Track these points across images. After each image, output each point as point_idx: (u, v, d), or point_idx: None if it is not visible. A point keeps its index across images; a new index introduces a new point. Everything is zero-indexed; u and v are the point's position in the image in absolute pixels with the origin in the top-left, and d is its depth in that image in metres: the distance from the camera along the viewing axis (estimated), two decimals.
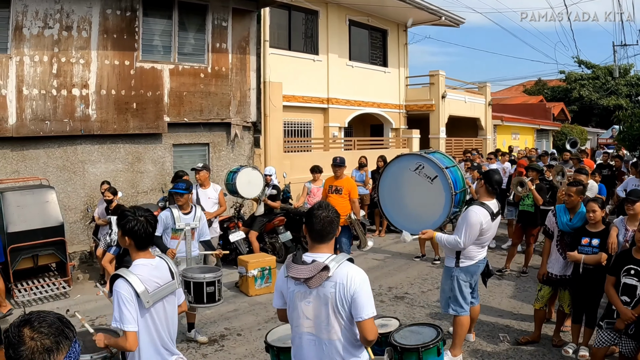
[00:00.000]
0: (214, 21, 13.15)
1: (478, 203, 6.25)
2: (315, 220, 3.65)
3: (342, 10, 19.58)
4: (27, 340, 1.99)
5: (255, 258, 9.71)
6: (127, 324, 3.52)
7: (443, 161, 6.87)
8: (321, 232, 3.66)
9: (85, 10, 11.15)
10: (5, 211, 9.04)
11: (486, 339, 7.28)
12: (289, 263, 3.67)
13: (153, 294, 3.68)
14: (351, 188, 9.95)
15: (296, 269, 3.59)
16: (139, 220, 3.79)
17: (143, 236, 3.79)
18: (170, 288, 3.88)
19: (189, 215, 7.38)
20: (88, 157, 11.57)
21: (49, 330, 2.04)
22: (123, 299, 3.54)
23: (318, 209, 3.68)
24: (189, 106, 12.84)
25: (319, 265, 3.54)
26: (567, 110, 41.84)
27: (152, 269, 3.78)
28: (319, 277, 3.51)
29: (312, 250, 3.71)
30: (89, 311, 8.54)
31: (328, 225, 3.66)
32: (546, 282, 6.98)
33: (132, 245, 3.81)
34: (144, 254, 3.85)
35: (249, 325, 8.00)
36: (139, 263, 3.78)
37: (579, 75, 45.19)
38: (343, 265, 3.58)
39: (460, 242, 6.05)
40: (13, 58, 10.35)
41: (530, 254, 10.66)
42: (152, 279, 3.73)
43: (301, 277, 3.54)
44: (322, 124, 19.27)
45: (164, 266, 3.92)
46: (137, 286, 3.59)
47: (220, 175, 13.04)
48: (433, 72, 22.56)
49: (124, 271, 3.66)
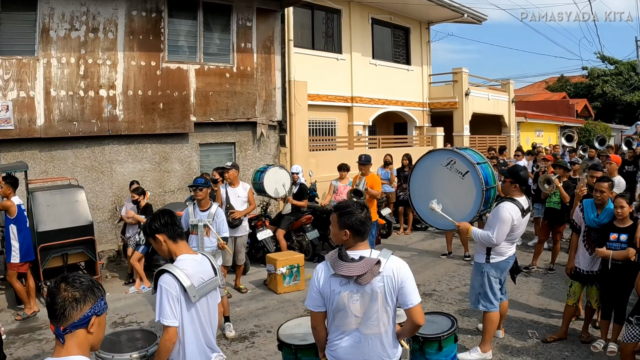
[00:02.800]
0: (238, 21, 13.02)
1: (509, 199, 6.14)
2: (356, 217, 3.59)
3: (364, 9, 19.33)
4: (62, 291, 2.43)
5: (284, 256, 9.55)
6: (168, 318, 3.45)
7: (474, 157, 6.71)
8: (362, 229, 3.61)
9: (111, 11, 11.09)
10: (35, 211, 9.02)
11: (515, 335, 7.14)
12: (336, 261, 3.58)
13: (199, 289, 3.60)
14: (373, 182, 9.88)
15: (346, 266, 3.52)
16: (164, 216, 3.78)
17: (168, 225, 3.74)
18: (214, 284, 3.80)
19: (205, 212, 7.41)
20: (116, 157, 11.52)
21: (80, 286, 2.47)
22: (167, 294, 3.47)
23: (355, 208, 3.64)
24: (215, 106, 12.73)
25: (371, 261, 3.51)
26: (590, 106, 41.18)
27: (196, 264, 3.70)
28: (371, 273, 3.49)
29: (352, 247, 3.63)
30: (118, 309, 8.56)
31: (368, 222, 3.64)
32: (574, 277, 6.83)
33: (167, 240, 3.73)
34: (185, 249, 3.78)
35: (279, 323, 7.68)
36: (184, 258, 3.69)
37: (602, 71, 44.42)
38: (390, 260, 3.60)
39: (492, 238, 5.97)
40: (40, 60, 10.31)
41: (557, 251, 10.44)
42: (197, 274, 3.64)
43: (354, 275, 3.49)
44: (347, 122, 19.03)
45: (207, 262, 3.83)
46: (184, 280, 3.50)
47: (246, 175, 12.90)
48: (456, 69, 22.24)
49: (170, 266, 3.58)
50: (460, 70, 22.03)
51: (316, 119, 17.83)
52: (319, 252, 11.49)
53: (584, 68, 45.36)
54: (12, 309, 8.61)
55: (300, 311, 8.28)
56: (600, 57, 44.06)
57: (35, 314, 8.26)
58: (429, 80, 22.94)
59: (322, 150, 16.87)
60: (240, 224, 9.10)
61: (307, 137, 15.47)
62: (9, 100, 10.05)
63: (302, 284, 9.43)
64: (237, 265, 9.27)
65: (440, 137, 21.18)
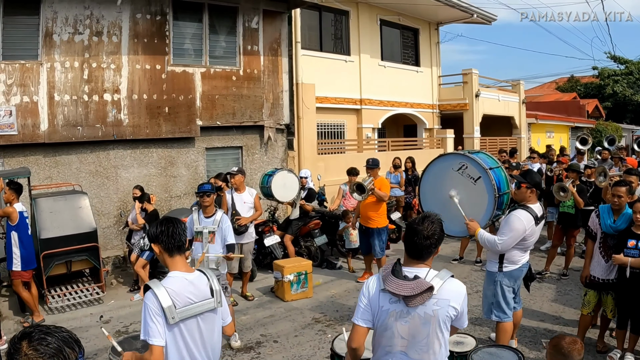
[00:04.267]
0: (244, 23, 12.80)
1: (522, 207, 5.91)
2: (416, 235, 3.35)
3: (372, 10, 19.04)
4: (22, 355, 1.97)
5: (291, 263, 9.33)
6: (153, 337, 3.22)
7: (487, 162, 6.49)
8: (420, 249, 3.36)
9: (115, 15, 10.90)
10: (38, 217, 8.93)
11: (528, 345, 6.90)
12: (388, 275, 3.34)
13: (182, 310, 3.32)
14: (381, 185, 9.61)
15: (396, 283, 3.27)
16: (162, 224, 3.52)
17: (163, 236, 3.47)
18: (207, 306, 3.48)
19: (210, 218, 7.22)
20: (121, 162, 11.33)
21: (44, 350, 1.98)
22: (150, 311, 3.24)
23: (422, 223, 3.38)
24: (222, 109, 12.51)
25: (422, 284, 3.25)
26: (601, 106, 40.71)
27: (186, 283, 3.42)
28: (421, 298, 3.25)
29: (410, 264, 3.41)
30: (122, 317, 8.42)
31: (428, 240, 3.35)
32: (589, 286, 6.58)
33: (163, 252, 3.49)
34: (181, 265, 3.50)
35: (286, 332, 7.68)
36: (173, 275, 3.44)
37: (612, 71, 43.92)
38: (447, 282, 3.35)
39: (498, 244, 5.77)
40: (44, 64, 10.14)
41: (570, 256, 10.25)
42: (185, 293, 3.37)
43: (401, 294, 3.25)
44: (355, 125, 18.75)
45: (204, 282, 3.53)
46: (163, 300, 3.25)
47: (254, 179, 12.71)
48: (466, 70, 21.91)
49: (155, 282, 3.35)
50: (470, 71, 21.71)
51: (324, 122, 17.58)
52: (328, 258, 11.29)
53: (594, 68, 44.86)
54: (16, 317, 8.45)
55: (308, 320, 8.10)
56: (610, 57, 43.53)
57: (43, 321, 8.11)
58: (439, 82, 22.61)
59: (331, 154, 16.62)
60: (247, 230, 8.90)
61: (316, 141, 15.23)
62: (12, 105, 9.87)
63: (310, 291, 9.23)
64: (244, 272, 9.09)
65: (450, 139, 20.84)
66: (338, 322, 8.00)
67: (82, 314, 8.59)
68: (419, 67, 21.45)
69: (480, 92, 21.91)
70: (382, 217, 9.70)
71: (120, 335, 7.58)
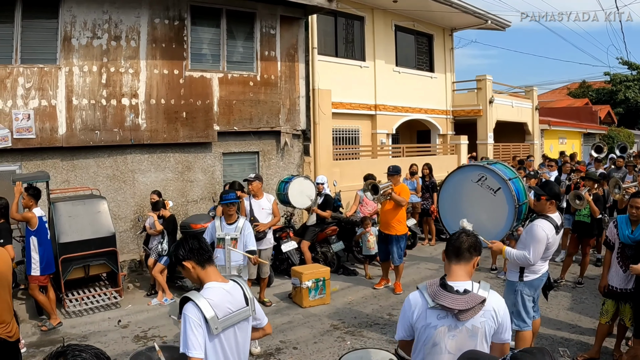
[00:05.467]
0: (262, 29, 12.71)
1: (542, 216, 5.92)
2: (458, 237, 3.51)
3: (387, 16, 18.93)
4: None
5: (310, 269, 9.22)
6: (192, 349, 3.17)
7: (506, 172, 6.57)
8: (459, 247, 3.48)
9: (134, 19, 10.83)
10: (57, 221, 8.87)
11: None
12: (438, 291, 3.34)
13: (223, 320, 3.32)
14: (401, 191, 9.52)
15: (451, 298, 3.29)
16: (188, 242, 3.52)
17: (194, 251, 3.47)
18: (243, 314, 3.49)
19: (232, 225, 7.18)
20: (138, 167, 11.25)
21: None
22: (191, 324, 3.20)
23: (463, 234, 3.55)
24: (239, 115, 12.41)
25: (476, 297, 3.30)
26: (613, 112, 40.41)
27: (224, 294, 3.41)
28: (473, 311, 3.27)
29: (453, 277, 3.45)
30: (140, 322, 8.38)
31: (468, 241, 3.50)
32: (607, 295, 6.55)
33: (195, 267, 3.46)
34: (215, 275, 3.49)
35: (305, 339, 7.60)
36: (211, 286, 3.41)
37: (624, 77, 43.61)
38: (490, 294, 3.40)
39: (529, 258, 5.76)
40: (62, 68, 10.07)
41: (586, 264, 10.20)
42: (224, 303, 3.36)
43: (456, 308, 3.25)
44: (370, 130, 18.63)
45: (238, 291, 3.53)
46: (207, 311, 3.23)
47: (270, 184, 12.60)
48: (480, 76, 21.75)
49: (195, 294, 3.31)
50: (484, 77, 21.54)
51: (339, 127, 17.47)
52: (344, 264, 11.18)
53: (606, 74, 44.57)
54: (33, 320, 8.38)
55: (326, 327, 8.03)
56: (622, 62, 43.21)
57: (61, 324, 8.10)
58: (453, 88, 22.47)
59: (346, 159, 16.50)
60: (265, 236, 8.82)
61: (332, 146, 15.11)
62: (31, 109, 9.81)
63: (327, 297, 9.14)
64: (262, 278, 8.97)
65: (464, 146, 20.66)
66: (356, 328, 7.92)
67: (99, 317, 8.54)
68: (433, 73, 21.32)
69: (494, 98, 21.74)
70: (402, 224, 9.58)
71: (139, 340, 7.52)
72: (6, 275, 4.69)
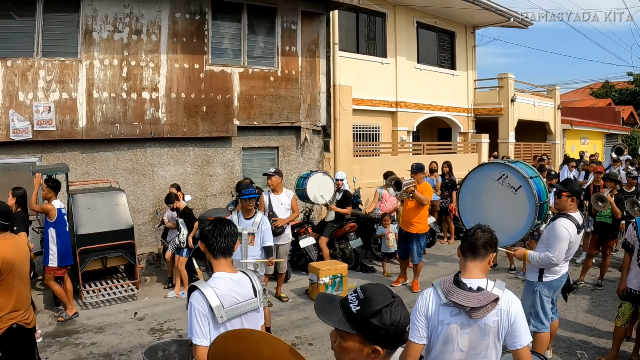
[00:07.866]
0: (283, 24, 12.57)
1: (564, 215, 5.75)
2: (473, 233, 3.44)
3: (409, 12, 18.62)
4: None
5: (327, 265, 9.06)
6: (196, 337, 3.25)
7: (527, 171, 6.46)
8: (474, 243, 3.42)
9: (155, 14, 10.74)
10: (75, 213, 8.82)
11: (563, 355, 6.68)
12: (452, 288, 3.28)
13: (229, 310, 3.34)
14: (424, 189, 9.40)
15: (463, 295, 3.22)
16: (211, 224, 3.56)
17: (209, 237, 3.50)
18: (251, 305, 3.50)
19: (250, 219, 7.05)
20: (157, 160, 11.17)
21: None
22: (196, 312, 3.26)
23: (477, 230, 3.49)
24: (259, 109, 12.28)
25: (489, 295, 3.23)
26: (636, 113, 39.78)
27: (232, 284, 3.44)
28: (486, 309, 3.21)
29: (467, 274, 3.39)
30: (157, 314, 8.31)
31: (483, 237, 3.44)
32: (626, 298, 6.38)
33: (207, 252, 3.54)
34: (225, 266, 3.51)
35: (321, 335, 7.43)
36: (218, 276, 3.45)
37: None
38: (505, 293, 3.33)
39: (553, 258, 5.56)
40: (83, 62, 10.01)
41: (606, 266, 9.97)
42: (231, 293, 3.39)
43: (469, 306, 3.19)
44: (391, 127, 18.34)
45: (247, 282, 3.55)
46: (212, 300, 3.27)
47: (289, 180, 12.46)
48: (502, 75, 21.35)
49: (201, 283, 3.36)
50: (506, 75, 21.15)
51: (360, 124, 17.26)
52: (362, 261, 11.01)
53: (629, 74, 43.89)
54: (50, 311, 8.34)
55: None
56: None
57: (77, 315, 8.05)
58: (474, 86, 22.08)
59: (366, 156, 16.31)
60: (283, 232, 8.64)
61: (352, 143, 14.92)
62: (51, 101, 9.76)
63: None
64: (279, 273, 8.83)
65: (485, 144, 20.34)
66: None
67: (116, 309, 8.47)
68: (455, 70, 20.98)
69: (516, 96, 21.41)
70: (423, 222, 9.40)
71: (155, 333, 7.45)
72: (20, 266, 4.58)
